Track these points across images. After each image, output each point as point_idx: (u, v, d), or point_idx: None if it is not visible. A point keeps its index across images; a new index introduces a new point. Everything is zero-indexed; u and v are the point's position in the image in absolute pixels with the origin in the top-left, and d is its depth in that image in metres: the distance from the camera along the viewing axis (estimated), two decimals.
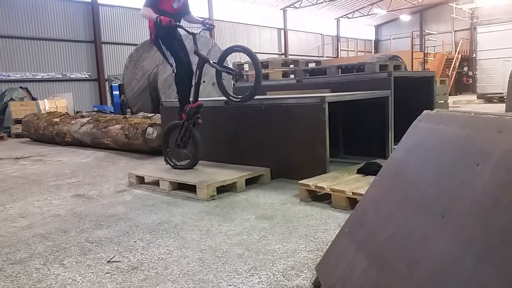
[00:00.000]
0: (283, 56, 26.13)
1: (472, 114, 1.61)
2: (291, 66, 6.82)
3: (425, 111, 1.91)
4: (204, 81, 10.35)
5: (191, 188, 3.90)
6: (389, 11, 28.96)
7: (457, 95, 26.69)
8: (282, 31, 26.67)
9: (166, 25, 4.11)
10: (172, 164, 4.70)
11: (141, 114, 8.50)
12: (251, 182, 4.17)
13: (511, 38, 27.54)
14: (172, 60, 4.43)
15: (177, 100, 4.73)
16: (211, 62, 4.36)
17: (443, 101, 11.52)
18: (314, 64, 6.89)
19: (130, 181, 4.53)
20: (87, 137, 7.68)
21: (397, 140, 5.02)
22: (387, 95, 4.73)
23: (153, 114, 8.06)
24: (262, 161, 4.41)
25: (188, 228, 2.99)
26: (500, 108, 12.17)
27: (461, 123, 1.59)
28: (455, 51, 29.45)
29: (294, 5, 26.41)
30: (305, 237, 2.68)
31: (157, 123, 6.41)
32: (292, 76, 7.13)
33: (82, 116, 8.80)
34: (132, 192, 4.22)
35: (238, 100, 4.37)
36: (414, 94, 5.73)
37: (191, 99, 4.52)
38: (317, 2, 25.93)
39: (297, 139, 4.17)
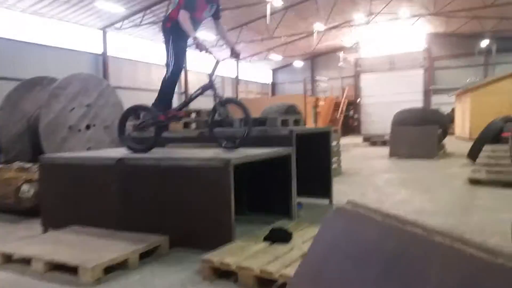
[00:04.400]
0: (183, 97, 25.89)
1: (388, 217, 1.47)
2: (193, 115, 6.54)
3: (339, 206, 1.74)
4: (94, 125, 9.53)
5: (73, 268, 3.26)
6: (285, 57, 30.84)
7: (345, 136, 29.01)
8: (183, 71, 26.55)
9: (198, 48, 4.30)
10: (132, 147, 4.73)
11: (17, 164, 7.35)
12: (147, 254, 3.66)
13: (388, 85, 31.39)
14: (172, 60, 4.52)
15: (60, 152, 4.15)
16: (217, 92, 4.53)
17: (335, 143, 12.24)
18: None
19: None
20: None
21: (299, 192, 5.02)
22: (289, 152, 4.68)
23: (31, 164, 7.01)
24: (159, 227, 3.94)
25: None
26: (384, 151, 13.34)
27: (379, 230, 1.44)
28: (343, 96, 32.35)
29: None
30: None
31: (34, 179, 5.51)
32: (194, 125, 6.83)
33: None
34: None
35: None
36: (312, 146, 5.83)
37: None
38: (217, 44, 26.49)
39: (200, 204, 3.82)
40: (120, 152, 4.80)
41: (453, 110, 25.33)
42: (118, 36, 21.45)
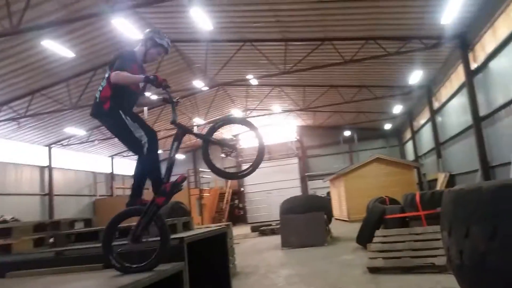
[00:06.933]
0: (47, 198, 22.73)
1: None
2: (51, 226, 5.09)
3: None
4: None
5: None
6: (165, 150, 30.10)
7: (233, 226, 28.32)
8: (47, 169, 23.59)
9: (160, 84, 3.41)
10: (122, 267, 3.26)
11: None
12: None
13: (269, 173, 32.45)
14: (141, 133, 3.63)
15: None
16: (194, 132, 3.96)
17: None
18: (83, 223, 5.30)
19: None
20: None
21: None
22: (181, 269, 3.68)
23: None
24: None
25: None
26: (274, 241, 12.89)
27: None
28: (227, 186, 32.28)
29: (61, 142, 24.24)
30: None
31: None
32: (52, 239, 5.33)
33: None
34: None
35: None
36: (204, 250, 4.92)
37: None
38: (88, 140, 24.64)
39: None
40: None
41: (328, 193, 27.01)
42: None
